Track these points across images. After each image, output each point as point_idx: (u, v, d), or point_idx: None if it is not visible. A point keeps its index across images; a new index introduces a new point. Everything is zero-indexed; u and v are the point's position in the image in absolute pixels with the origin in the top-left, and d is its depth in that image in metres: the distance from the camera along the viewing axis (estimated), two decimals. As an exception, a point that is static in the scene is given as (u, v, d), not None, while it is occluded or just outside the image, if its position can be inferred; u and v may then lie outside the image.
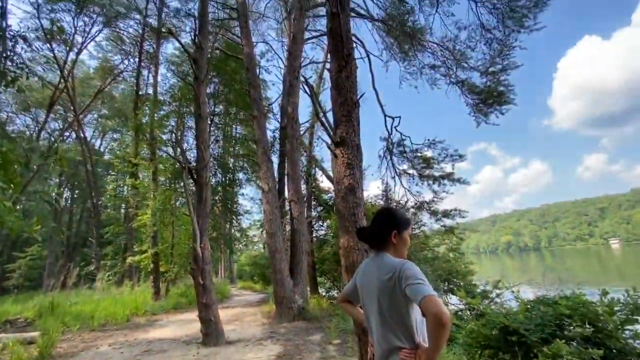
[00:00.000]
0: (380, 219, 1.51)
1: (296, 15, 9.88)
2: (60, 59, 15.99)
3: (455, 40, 10.32)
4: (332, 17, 4.88)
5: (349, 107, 4.46)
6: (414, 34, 9.84)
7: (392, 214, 1.52)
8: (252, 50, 9.72)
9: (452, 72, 10.54)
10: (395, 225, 1.44)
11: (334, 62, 4.74)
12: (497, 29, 9.69)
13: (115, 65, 19.83)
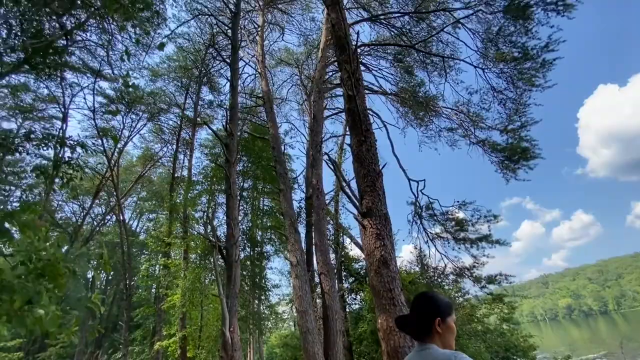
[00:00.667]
0: (419, 306, 1.38)
1: (315, 98, 10.85)
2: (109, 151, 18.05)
3: (469, 104, 10.76)
4: (348, 98, 5.30)
5: (373, 178, 4.54)
6: (426, 102, 10.38)
7: (432, 299, 1.39)
8: (277, 131, 10.54)
9: (470, 133, 10.74)
10: (437, 311, 1.32)
11: (354, 138, 4.99)
12: (508, 89, 10.08)
13: (155, 152, 22.00)
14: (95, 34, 7.41)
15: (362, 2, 12.52)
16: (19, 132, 16.03)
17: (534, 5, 8.73)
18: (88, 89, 13.62)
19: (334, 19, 6.15)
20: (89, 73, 12.38)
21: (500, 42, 9.62)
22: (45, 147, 4.11)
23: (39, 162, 9.99)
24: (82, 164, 5.05)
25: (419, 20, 10.81)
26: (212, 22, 12.75)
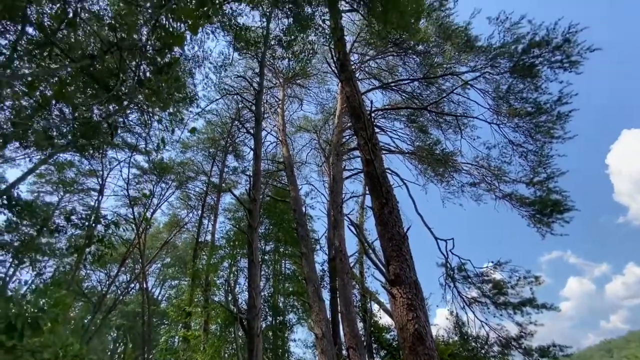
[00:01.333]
0: None
1: (333, 160, 11.22)
2: (138, 219, 18.81)
3: (488, 158, 10.71)
4: (366, 162, 5.42)
5: (398, 242, 4.39)
6: (445, 159, 10.44)
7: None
8: (297, 194, 10.75)
9: (495, 187, 10.48)
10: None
11: (375, 201, 4.97)
12: (527, 142, 10.03)
13: (181, 218, 22.68)
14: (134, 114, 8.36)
15: (373, 73, 13.57)
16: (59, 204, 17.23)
17: (539, 65, 9.11)
18: (124, 163, 14.82)
19: (348, 92, 6.64)
20: (127, 148, 13.62)
21: (512, 99, 9.87)
22: (82, 227, 4.39)
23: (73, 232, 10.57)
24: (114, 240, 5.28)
25: (428, 85, 11.46)
26: (237, 99, 14.07)
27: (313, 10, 7.26)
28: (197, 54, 8.43)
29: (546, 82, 9.10)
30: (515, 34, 9.06)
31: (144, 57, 2.57)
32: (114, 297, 21.89)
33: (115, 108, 3.22)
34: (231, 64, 9.45)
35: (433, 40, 10.47)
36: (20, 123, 3.12)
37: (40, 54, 4.56)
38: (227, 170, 18.76)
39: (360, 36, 12.33)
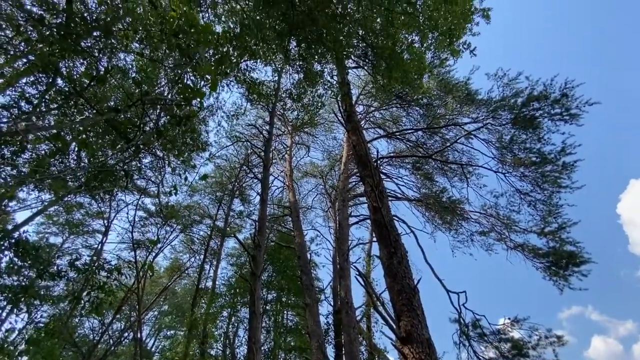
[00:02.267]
0: None
1: (339, 206, 11.19)
2: (139, 263, 18.41)
3: (497, 207, 10.59)
4: (373, 210, 5.39)
5: (408, 295, 4.19)
6: (452, 207, 10.35)
7: None
8: (303, 239, 10.57)
9: (505, 237, 10.22)
10: None
11: (383, 250, 4.85)
12: (535, 192, 9.97)
13: (182, 263, 22.18)
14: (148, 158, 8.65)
15: (378, 122, 14.10)
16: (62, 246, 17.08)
17: (540, 117, 9.40)
18: (132, 205, 14.94)
19: (354, 140, 6.85)
20: (136, 191, 13.83)
21: (515, 149, 10.03)
22: (84, 272, 4.32)
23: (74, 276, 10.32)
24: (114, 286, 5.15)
25: (432, 134, 11.80)
26: (247, 145, 14.57)
27: (322, 67, 7.80)
28: (212, 104, 8.94)
29: (548, 133, 9.32)
30: (514, 88, 9.51)
31: (164, 109, 2.74)
32: (105, 347, 20.63)
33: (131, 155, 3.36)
34: (243, 113, 9.95)
35: (435, 94, 11.02)
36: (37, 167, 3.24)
37: (67, 104, 4.87)
38: (233, 214, 18.75)
39: (366, 89, 13.05)
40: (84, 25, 3.78)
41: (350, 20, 6.88)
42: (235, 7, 8.00)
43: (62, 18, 4.31)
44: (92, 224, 17.57)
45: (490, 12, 7.42)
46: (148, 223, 18.56)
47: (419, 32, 6.20)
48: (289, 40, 7.42)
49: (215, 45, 3.67)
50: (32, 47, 4.06)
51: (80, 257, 4.46)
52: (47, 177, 2.95)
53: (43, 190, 5.43)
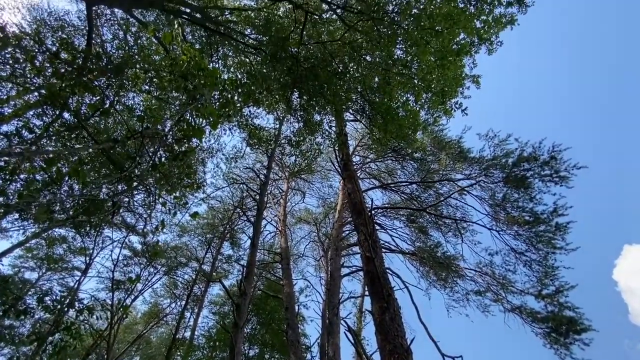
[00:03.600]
0: None
1: (332, 255, 10.88)
2: (116, 306, 17.20)
3: (492, 265, 10.37)
4: (366, 260, 5.24)
5: (401, 356, 3.89)
6: (447, 263, 10.12)
7: None
8: (292, 289, 10.09)
9: (502, 298, 9.84)
10: None
11: (375, 304, 4.62)
12: (530, 251, 9.85)
13: (162, 308, 20.78)
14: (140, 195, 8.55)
15: (374, 173, 14.38)
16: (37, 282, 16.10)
17: (531, 177, 9.66)
18: (118, 243, 14.42)
19: (349, 188, 6.91)
20: (124, 228, 13.44)
21: (508, 207, 10.13)
22: (52, 311, 4.01)
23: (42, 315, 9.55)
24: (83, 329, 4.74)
25: (426, 188, 11.98)
26: (243, 188, 14.61)
27: (321, 118, 8.17)
28: (213, 145, 9.15)
29: (540, 194, 9.49)
30: (505, 149, 9.91)
31: (163, 144, 2.79)
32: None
33: (124, 188, 3.34)
34: (242, 156, 10.15)
35: (429, 149, 11.42)
36: (26, 196, 3.18)
37: (69, 135, 4.95)
38: (221, 258, 18.10)
39: (363, 141, 13.53)
40: (99, 64, 4.00)
41: (350, 78, 7.39)
42: (245, 60, 8.62)
43: (80, 58, 4.58)
44: (72, 261, 16.76)
45: (480, 78, 8.04)
46: (132, 263, 17.75)
47: (413, 91, 6.63)
48: (291, 91, 7.88)
49: (221, 90, 3.86)
50: (46, 81, 4.26)
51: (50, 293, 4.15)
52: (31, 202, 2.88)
53: (27, 220, 5.26)
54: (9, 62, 4.94)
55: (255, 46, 7.56)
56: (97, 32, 7.40)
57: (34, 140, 5.09)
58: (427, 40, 5.56)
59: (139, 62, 5.74)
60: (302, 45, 7.02)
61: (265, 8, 8.04)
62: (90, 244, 14.16)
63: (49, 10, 8.37)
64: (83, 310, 4.34)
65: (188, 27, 8.22)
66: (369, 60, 6.90)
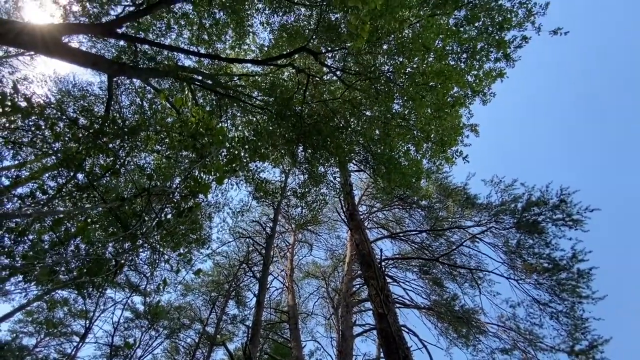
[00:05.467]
0: None
1: (343, 312, 10.26)
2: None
3: (515, 319, 9.60)
4: (379, 317, 4.93)
5: None
6: (466, 318, 9.42)
7: None
8: (300, 353, 9.35)
9: (531, 357, 8.92)
10: None
11: (391, 367, 4.22)
12: (554, 302, 9.18)
13: (161, 378, 19.17)
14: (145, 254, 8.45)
15: (381, 223, 14.17)
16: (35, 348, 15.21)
17: (543, 222, 9.40)
18: (120, 304, 13.89)
19: (357, 239, 6.78)
20: (127, 288, 13.05)
21: (524, 254, 9.71)
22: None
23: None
24: None
25: (436, 237, 11.67)
26: (249, 242, 14.41)
27: (325, 170, 8.35)
28: (219, 200, 9.27)
29: (555, 238, 9.14)
30: (512, 194, 9.82)
31: (169, 201, 2.85)
32: None
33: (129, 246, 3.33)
34: (248, 210, 10.21)
35: (435, 197, 11.38)
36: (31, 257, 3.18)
37: (80, 195, 5.09)
38: (226, 318, 17.14)
39: (368, 191, 13.59)
40: (114, 128, 4.27)
41: (352, 131, 7.71)
42: (252, 119, 9.14)
43: (97, 122, 4.91)
44: (72, 325, 16.03)
45: (477, 127, 8.31)
46: (132, 326, 16.88)
47: (414, 142, 6.84)
48: (296, 146, 8.19)
49: (229, 147, 4.03)
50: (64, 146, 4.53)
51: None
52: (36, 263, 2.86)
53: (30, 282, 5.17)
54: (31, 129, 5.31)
55: (261, 106, 8.07)
56: (115, 100, 8.04)
57: (46, 202, 5.23)
58: (423, 95, 5.89)
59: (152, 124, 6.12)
60: (305, 104, 7.48)
61: (271, 73, 8.75)
62: (92, 306, 13.64)
63: (74, 82, 9.22)
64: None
65: (200, 92, 8.89)
66: (369, 114, 7.27)
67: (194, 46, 8.34)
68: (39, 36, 4.56)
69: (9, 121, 4.19)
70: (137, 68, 6.74)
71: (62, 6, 7.35)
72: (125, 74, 6.80)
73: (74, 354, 14.57)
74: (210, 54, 8.07)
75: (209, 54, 7.91)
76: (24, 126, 3.92)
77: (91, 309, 13.67)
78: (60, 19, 7.50)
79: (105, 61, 5.77)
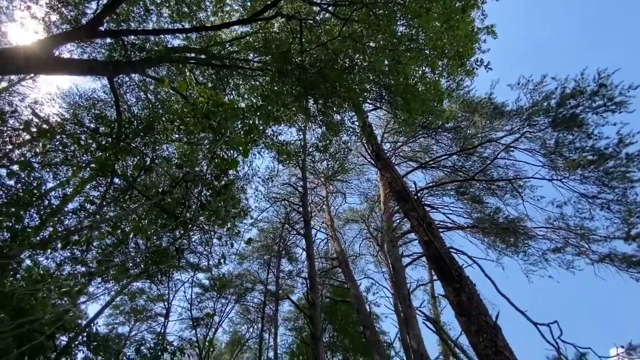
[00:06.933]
0: None
1: (389, 248, 10.69)
2: (201, 342, 18.31)
3: (564, 218, 9.52)
4: (426, 245, 5.07)
5: (489, 335, 3.69)
6: (512, 227, 9.46)
7: None
8: (358, 291, 10.03)
9: (585, 250, 8.97)
10: None
11: (447, 287, 4.44)
12: (603, 192, 8.90)
13: (242, 335, 21.74)
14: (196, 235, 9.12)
15: (409, 156, 13.95)
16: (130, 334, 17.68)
17: (581, 113, 8.77)
18: (188, 283, 15.42)
19: (388, 177, 6.77)
20: (190, 268, 14.37)
21: (565, 152, 9.28)
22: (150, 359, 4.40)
23: None
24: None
25: (468, 156, 11.35)
26: (285, 204, 14.93)
27: (342, 117, 8.14)
28: (248, 172, 9.49)
29: (597, 128, 8.57)
30: (543, 92, 9.12)
31: (204, 184, 2.95)
32: None
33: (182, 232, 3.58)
34: (277, 174, 10.41)
35: (460, 115, 10.85)
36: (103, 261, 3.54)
37: (123, 198, 5.43)
38: (283, 275, 18.56)
39: (389, 127, 13.22)
40: (131, 127, 4.36)
41: (360, 69, 7.29)
42: (255, 84, 8.88)
43: (114, 126, 5.02)
44: (154, 308, 18.20)
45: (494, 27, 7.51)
46: (204, 298, 18.86)
47: (427, 62, 6.37)
48: (306, 100, 7.95)
49: (242, 118, 4.00)
50: (92, 156, 4.74)
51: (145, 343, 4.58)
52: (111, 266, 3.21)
53: (108, 282, 5.84)
54: (59, 148, 5.57)
55: (260, 68, 7.77)
56: (122, 100, 8.08)
57: (96, 211, 5.64)
58: (427, 8, 5.33)
59: (164, 115, 6.15)
60: (304, 53, 7.08)
61: (260, 29, 8.25)
62: (165, 290, 15.29)
63: (79, 92, 9.32)
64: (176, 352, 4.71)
65: (197, 70, 8.67)
66: (374, 46, 6.77)
67: (177, 23, 7.96)
68: (31, 56, 4.53)
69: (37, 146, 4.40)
70: (131, 62, 6.62)
71: (41, 19, 7.16)
72: (122, 72, 6.73)
73: (164, 332, 16.75)
74: (196, 27, 7.69)
75: (194, 27, 7.54)
76: (52, 147, 4.12)
77: (165, 293, 15.34)
78: (43, 32, 7.36)
79: (100, 64, 5.71)
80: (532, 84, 9.09)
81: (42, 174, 5.28)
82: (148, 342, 4.74)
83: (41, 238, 4.13)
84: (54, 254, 5.15)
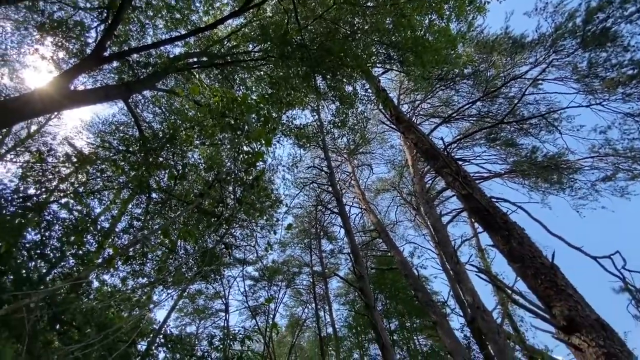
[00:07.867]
0: None
1: (426, 210, 10.54)
2: (263, 328, 19.46)
3: (610, 143, 8.85)
4: (464, 198, 4.94)
5: (548, 275, 3.59)
6: (553, 163, 8.96)
7: None
8: (402, 257, 10.07)
9: (638, 172, 8.34)
10: None
11: (495, 236, 4.33)
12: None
13: (299, 317, 22.80)
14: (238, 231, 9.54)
15: (430, 113, 13.43)
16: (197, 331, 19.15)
17: (613, 25, 7.94)
18: (239, 277, 16.25)
19: (413, 138, 6.57)
20: (238, 263, 15.11)
21: (601, 71, 8.51)
22: (221, 349, 4.77)
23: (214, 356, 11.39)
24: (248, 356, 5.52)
25: (492, 100, 10.73)
26: (314, 186, 15.07)
27: (353, 87, 7.93)
28: (272, 163, 9.63)
29: (633, 38, 7.74)
30: (565, 12, 8.32)
31: (236, 180, 3.04)
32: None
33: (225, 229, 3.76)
34: (300, 159, 10.46)
35: (477, 59, 10.19)
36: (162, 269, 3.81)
37: (164, 209, 5.73)
38: (326, 255, 19.01)
39: (403, 87, 12.72)
40: (156, 142, 4.53)
41: (362, 33, 6.99)
42: (260, 74, 8.83)
43: (140, 144, 5.23)
44: (213, 306, 19.48)
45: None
46: (257, 289, 19.86)
47: (432, 9, 5.96)
48: (314, 78, 7.80)
49: (257, 110, 4.01)
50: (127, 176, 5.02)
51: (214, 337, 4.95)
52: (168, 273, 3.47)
53: (169, 287, 6.29)
54: (97, 175, 5.94)
55: (262, 57, 7.68)
56: (141, 118, 8.37)
57: (143, 226, 6.01)
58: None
59: (183, 124, 6.31)
60: (302, 30, 6.88)
61: (254, 17, 8.10)
62: (220, 287, 16.24)
63: (100, 120, 9.77)
64: (244, 340, 5.06)
65: (202, 74, 8.74)
66: (372, 5, 6.43)
67: (173, 31, 8.01)
68: (46, 97, 4.75)
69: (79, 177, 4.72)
70: (141, 80, 6.79)
71: (50, 58, 7.48)
72: (134, 91, 6.93)
73: (228, 325, 17.92)
74: (191, 31, 7.68)
75: (191, 31, 7.54)
76: (91, 175, 4.41)
77: (221, 290, 16.29)
78: (55, 71, 7.71)
79: (114, 88, 5.90)
80: (551, 6, 8.31)
81: (89, 202, 5.67)
82: (217, 335, 5.12)
83: (102, 258, 4.49)
84: (118, 272, 5.60)
